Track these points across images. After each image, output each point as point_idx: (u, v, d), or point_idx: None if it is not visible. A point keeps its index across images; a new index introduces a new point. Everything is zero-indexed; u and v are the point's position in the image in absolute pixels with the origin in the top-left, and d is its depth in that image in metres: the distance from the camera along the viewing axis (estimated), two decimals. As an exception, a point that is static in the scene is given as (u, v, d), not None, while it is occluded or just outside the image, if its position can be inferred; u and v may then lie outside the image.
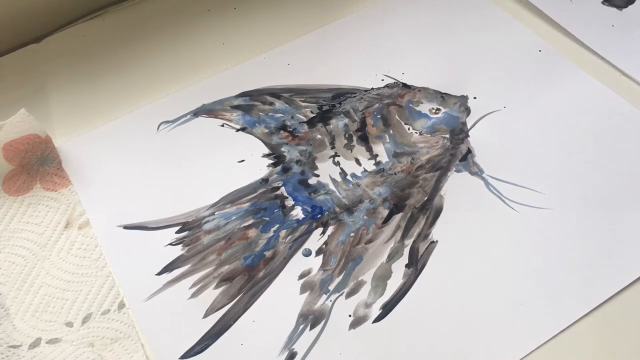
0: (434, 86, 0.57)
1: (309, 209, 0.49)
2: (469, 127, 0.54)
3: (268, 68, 0.59)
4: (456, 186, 0.50)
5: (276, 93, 0.57)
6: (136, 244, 0.48)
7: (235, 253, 0.47)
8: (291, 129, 0.54)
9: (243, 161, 0.52)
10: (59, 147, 0.53)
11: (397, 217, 0.49)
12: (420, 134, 0.54)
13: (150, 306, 0.45)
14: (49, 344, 0.43)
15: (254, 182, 0.51)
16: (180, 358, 0.43)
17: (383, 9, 0.63)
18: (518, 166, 0.51)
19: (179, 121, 0.55)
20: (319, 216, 0.49)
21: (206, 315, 0.45)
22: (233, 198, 0.50)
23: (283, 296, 0.45)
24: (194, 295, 0.45)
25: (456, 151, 0.52)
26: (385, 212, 0.49)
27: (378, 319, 0.44)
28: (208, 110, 0.56)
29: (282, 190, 0.51)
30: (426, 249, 0.47)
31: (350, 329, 0.44)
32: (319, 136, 0.54)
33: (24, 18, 0.60)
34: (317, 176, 0.51)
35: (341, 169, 0.52)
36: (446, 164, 0.51)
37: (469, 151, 0.52)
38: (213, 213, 0.49)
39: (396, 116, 0.55)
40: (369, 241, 0.48)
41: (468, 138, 0.53)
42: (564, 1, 0.62)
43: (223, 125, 0.55)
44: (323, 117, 0.55)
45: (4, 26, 0.59)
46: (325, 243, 0.48)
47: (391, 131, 0.54)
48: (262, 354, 0.43)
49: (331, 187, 0.51)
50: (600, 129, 0.53)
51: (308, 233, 0.48)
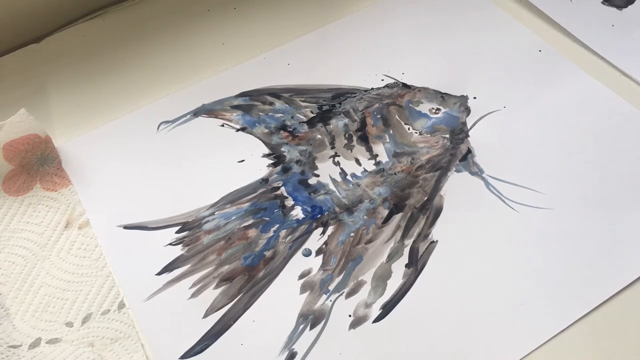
0: (434, 86, 0.57)
1: (309, 209, 0.49)
2: (469, 127, 0.54)
3: (268, 68, 0.59)
4: (456, 186, 0.50)
5: (276, 93, 0.57)
6: (136, 244, 0.48)
7: (235, 253, 0.47)
8: (291, 129, 0.54)
9: (243, 161, 0.52)
10: (59, 147, 0.53)
11: (397, 217, 0.49)
12: (420, 134, 0.54)
13: (150, 306, 0.45)
14: (49, 344, 0.43)
15: (254, 182, 0.51)
16: (180, 358, 0.43)
17: (383, 9, 0.63)
18: (518, 166, 0.51)
19: (179, 121, 0.55)
20: (319, 216, 0.49)
21: (206, 315, 0.45)
22: (233, 198, 0.50)
23: (283, 296, 0.45)
24: (194, 295, 0.45)
25: (456, 151, 0.52)
26: (385, 212, 0.49)
27: (378, 319, 0.44)
28: (208, 110, 0.56)
29: (282, 190, 0.51)
30: (426, 249, 0.47)
31: (350, 329, 0.44)
32: (319, 136, 0.54)
33: (24, 18, 0.60)
34: (317, 176, 0.51)
35: (341, 169, 0.52)
36: (446, 164, 0.51)
37: (469, 151, 0.52)
38: (213, 213, 0.49)
39: (396, 116, 0.55)
40: (369, 241, 0.48)
41: (468, 138, 0.53)
42: (564, 1, 0.62)
43: (223, 125, 0.55)
44: (323, 117, 0.55)
45: (4, 26, 0.59)
46: (325, 243, 0.48)
47: (391, 131, 0.54)
48: (262, 354, 0.43)
49: (331, 187, 0.51)
50: (600, 129, 0.53)
51: (308, 233, 0.48)
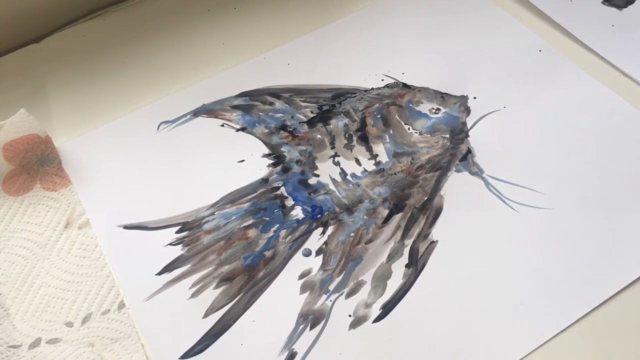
0: (434, 86, 0.57)
1: (309, 209, 0.49)
2: (469, 127, 0.54)
3: (268, 68, 0.59)
4: (456, 186, 0.50)
5: (276, 93, 0.57)
6: (136, 244, 0.48)
7: (235, 253, 0.47)
8: (291, 129, 0.54)
9: (243, 161, 0.52)
10: (59, 147, 0.53)
11: (397, 217, 0.49)
12: (420, 134, 0.54)
13: (150, 306, 0.45)
14: (49, 344, 0.43)
15: (254, 182, 0.51)
16: (180, 358, 0.43)
17: (383, 9, 0.63)
18: (518, 166, 0.51)
19: (179, 121, 0.55)
20: (319, 216, 0.49)
21: (206, 315, 0.45)
22: (233, 198, 0.50)
23: (283, 296, 0.45)
24: (194, 295, 0.45)
25: (456, 151, 0.52)
26: (385, 212, 0.49)
27: (378, 319, 0.44)
28: (208, 110, 0.56)
29: (282, 190, 0.51)
30: (426, 249, 0.47)
31: (350, 329, 0.44)
32: (319, 136, 0.54)
33: (24, 18, 0.60)
34: (317, 176, 0.51)
35: (341, 169, 0.52)
36: (446, 164, 0.51)
37: (469, 151, 0.52)
38: (213, 213, 0.49)
39: (396, 116, 0.55)
40: (369, 241, 0.48)
41: (468, 138, 0.53)
42: (564, 1, 0.62)
43: (223, 125, 0.55)
44: (323, 117, 0.55)
45: (4, 26, 0.59)
46: (325, 243, 0.48)
47: (391, 131, 0.54)
48: (262, 354, 0.43)
49: (331, 187, 0.51)
50: (600, 129, 0.53)
51: (308, 233, 0.48)
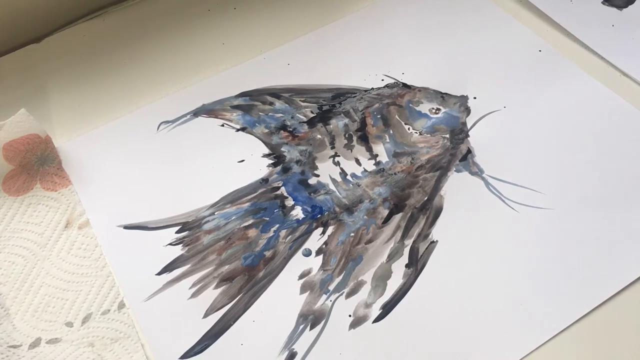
0: (434, 86, 0.57)
1: (309, 209, 0.49)
2: (469, 127, 0.54)
3: (268, 68, 0.59)
4: (456, 186, 0.50)
5: (276, 93, 0.57)
6: (136, 244, 0.48)
7: (235, 253, 0.47)
8: (291, 129, 0.54)
9: (243, 161, 0.52)
10: (59, 147, 0.53)
11: (397, 217, 0.49)
12: (420, 134, 0.54)
13: (150, 306, 0.45)
14: (49, 344, 0.43)
15: (254, 182, 0.51)
16: (180, 358, 0.43)
17: (383, 9, 0.63)
18: (518, 166, 0.51)
19: (179, 121, 0.55)
20: (319, 216, 0.49)
21: (206, 315, 0.45)
22: (233, 198, 0.50)
23: (283, 296, 0.45)
24: (194, 295, 0.45)
25: (456, 151, 0.52)
26: (385, 212, 0.49)
27: (378, 319, 0.44)
28: (208, 110, 0.56)
29: (282, 190, 0.51)
30: (426, 249, 0.47)
31: (350, 329, 0.44)
32: (319, 136, 0.54)
33: (24, 18, 0.60)
34: (317, 176, 0.51)
35: (341, 169, 0.52)
36: (446, 164, 0.51)
37: (469, 151, 0.52)
38: (213, 213, 0.49)
39: (396, 116, 0.55)
40: (369, 241, 0.48)
41: (468, 138, 0.53)
42: (564, 1, 0.62)
43: (223, 125, 0.55)
44: (323, 117, 0.55)
45: (4, 26, 0.59)
46: (325, 243, 0.48)
47: (391, 131, 0.54)
48: (262, 354, 0.43)
49: (331, 187, 0.51)
50: (600, 129, 0.53)
51: (308, 233, 0.48)
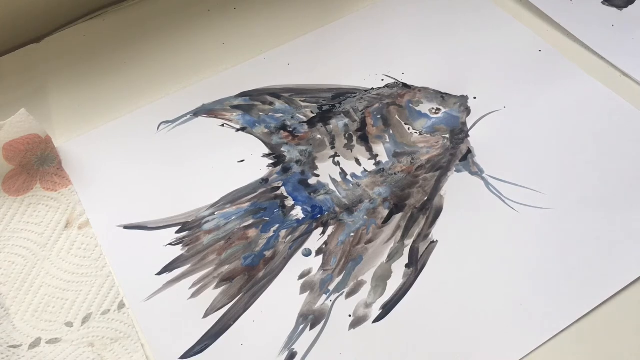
0: (434, 86, 0.57)
1: (309, 209, 0.49)
2: (469, 127, 0.54)
3: (268, 68, 0.59)
4: (456, 186, 0.50)
5: (276, 93, 0.57)
6: (136, 244, 0.48)
7: (235, 253, 0.47)
8: (291, 129, 0.54)
9: (243, 161, 0.52)
10: (59, 147, 0.53)
11: (397, 217, 0.49)
12: (420, 134, 0.54)
13: (150, 306, 0.45)
14: (49, 344, 0.43)
15: (254, 182, 0.51)
16: (180, 358, 0.43)
17: (383, 9, 0.63)
18: (518, 166, 0.51)
19: (179, 121, 0.55)
20: (319, 216, 0.49)
21: (206, 315, 0.45)
22: (233, 198, 0.50)
23: (283, 296, 0.45)
24: (194, 295, 0.45)
25: (456, 151, 0.52)
26: (385, 212, 0.49)
27: (378, 319, 0.44)
28: (208, 110, 0.56)
29: (282, 190, 0.51)
30: (426, 249, 0.47)
31: (350, 329, 0.44)
32: (319, 136, 0.54)
33: (24, 18, 0.60)
34: (317, 176, 0.51)
35: (341, 169, 0.52)
36: (446, 164, 0.51)
37: (469, 151, 0.52)
38: (213, 213, 0.49)
39: (396, 116, 0.55)
40: (369, 241, 0.48)
41: (468, 138, 0.53)
42: (564, 1, 0.62)
43: (223, 125, 0.55)
44: (323, 117, 0.55)
45: (4, 26, 0.59)
46: (325, 243, 0.48)
47: (391, 131, 0.54)
48: (262, 354, 0.43)
49: (331, 187, 0.51)
50: (600, 129, 0.53)
51: (308, 233, 0.48)
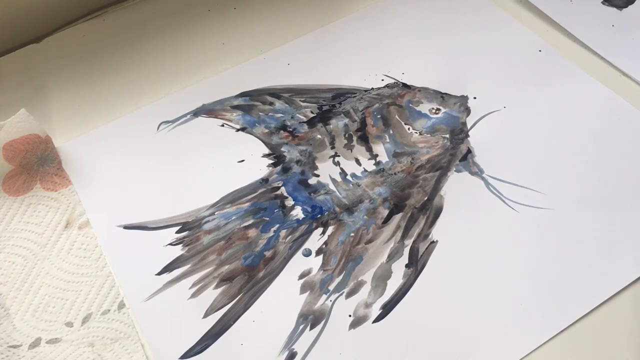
0: (434, 86, 0.57)
1: (309, 209, 0.49)
2: (469, 127, 0.54)
3: (268, 68, 0.59)
4: (456, 186, 0.50)
5: (276, 93, 0.57)
6: (136, 244, 0.48)
7: (235, 253, 0.47)
8: (291, 129, 0.54)
9: (243, 161, 0.52)
10: (59, 147, 0.53)
11: (397, 217, 0.49)
12: (420, 134, 0.54)
13: (150, 306, 0.45)
14: (49, 344, 0.43)
15: (254, 182, 0.51)
16: (180, 358, 0.43)
17: (383, 9, 0.63)
18: (518, 166, 0.51)
19: (179, 121, 0.55)
20: (319, 216, 0.49)
21: (206, 315, 0.45)
22: (233, 198, 0.50)
23: (283, 296, 0.45)
24: (194, 295, 0.45)
25: (456, 151, 0.52)
26: (385, 212, 0.49)
27: (378, 319, 0.44)
28: (208, 110, 0.56)
29: (282, 190, 0.51)
30: (426, 249, 0.47)
31: (350, 329, 0.44)
32: (319, 136, 0.54)
33: (24, 18, 0.60)
34: (317, 176, 0.51)
35: (341, 169, 0.52)
36: (446, 164, 0.51)
37: (469, 151, 0.52)
38: (213, 213, 0.49)
39: (396, 116, 0.55)
40: (369, 241, 0.48)
41: (468, 138, 0.53)
42: (564, 1, 0.62)
43: (223, 125, 0.55)
44: (323, 117, 0.55)
45: (4, 26, 0.59)
46: (325, 243, 0.48)
47: (391, 131, 0.54)
48: (262, 354, 0.43)
49: (331, 187, 0.51)
50: (600, 129, 0.53)
51: (308, 233, 0.48)
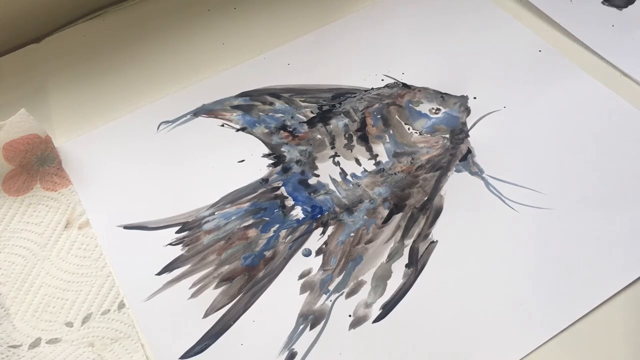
0: (434, 86, 0.57)
1: (309, 209, 0.49)
2: (469, 127, 0.54)
3: (268, 68, 0.59)
4: (456, 186, 0.50)
5: (276, 93, 0.57)
6: (136, 244, 0.48)
7: (235, 253, 0.47)
8: (291, 129, 0.54)
9: (243, 161, 0.52)
10: (59, 147, 0.53)
11: (397, 217, 0.49)
12: (420, 134, 0.54)
13: (150, 306, 0.45)
14: (49, 344, 0.43)
15: (254, 182, 0.51)
16: (180, 358, 0.43)
17: (383, 9, 0.63)
18: (518, 166, 0.51)
19: (179, 121, 0.55)
20: (319, 216, 0.49)
21: (206, 315, 0.45)
22: (233, 198, 0.50)
23: (283, 296, 0.45)
24: (194, 295, 0.45)
25: (456, 151, 0.52)
26: (385, 212, 0.49)
27: (378, 319, 0.44)
28: (208, 110, 0.56)
29: (282, 190, 0.51)
30: (426, 249, 0.47)
31: (350, 329, 0.44)
32: (319, 136, 0.54)
33: (24, 18, 0.60)
34: (317, 176, 0.51)
35: (341, 169, 0.52)
36: (446, 164, 0.51)
37: (469, 151, 0.52)
38: (213, 213, 0.49)
39: (396, 116, 0.55)
40: (369, 241, 0.48)
41: (468, 138, 0.53)
42: (564, 1, 0.62)
43: (223, 125, 0.55)
44: (323, 117, 0.55)
45: (4, 26, 0.59)
46: (325, 243, 0.48)
47: (391, 131, 0.54)
48: (262, 354, 0.43)
49: (331, 187, 0.51)
50: (600, 129, 0.53)
51: (308, 233, 0.48)
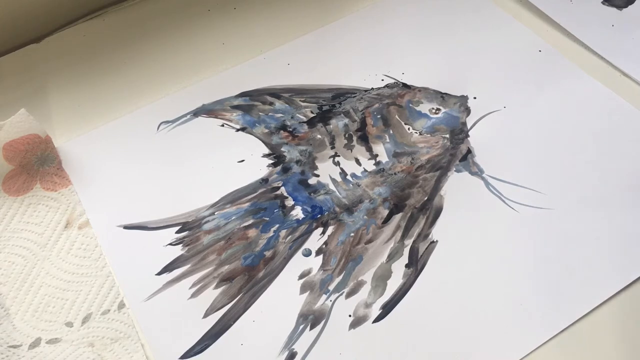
0: (434, 86, 0.57)
1: (309, 209, 0.49)
2: (469, 127, 0.54)
3: (268, 68, 0.59)
4: (456, 186, 0.50)
5: (276, 93, 0.57)
6: (136, 244, 0.48)
7: (235, 253, 0.47)
8: (291, 129, 0.54)
9: (243, 161, 0.52)
10: (59, 147, 0.53)
11: (397, 217, 0.49)
12: (420, 134, 0.54)
13: (150, 306, 0.45)
14: (49, 344, 0.43)
15: (254, 182, 0.51)
16: (180, 358, 0.43)
17: (383, 9, 0.63)
18: (518, 166, 0.51)
19: (179, 121, 0.55)
20: (319, 216, 0.49)
21: (206, 315, 0.45)
22: (233, 198, 0.50)
23: (283, 296, 0.45)
24: (194, 295, 0.45)
25: (456, 151, 0.52)
26: (385, 212, 0.49)
27: (378, 319, 0.44)
28: (208, 110, 0.56)
29: (282, 190, 0.51)
30: (426, 249, 0.47)
31: (350, 329, 0.44)
32: (319, 136, 0.54)
33: (24, 18, 0.60)
34: (317, 176, 0.51)
35: (341, 169, 0.52)
36: (446, 164, 0.51)
37: (469, 151, 0.52)
38: (213, 213, 0.49)
39: (396, 116, 0.55)
40: (369, 241, 0.48)
41: (468, 138, 0.53)
42: (564, 1, 0.62)
43: (223, 125, 0.55)
44: (323, 117, 0.55)
45: (4, 26, 0.59)
46: (325, 243, 0.48)
47: (391, 131, 0.54)
48: (262, 354, 0.43)
49: (331, 187, 0.51)
50: (600, 129, 0.53)
51: (308, 233, 0.48)
